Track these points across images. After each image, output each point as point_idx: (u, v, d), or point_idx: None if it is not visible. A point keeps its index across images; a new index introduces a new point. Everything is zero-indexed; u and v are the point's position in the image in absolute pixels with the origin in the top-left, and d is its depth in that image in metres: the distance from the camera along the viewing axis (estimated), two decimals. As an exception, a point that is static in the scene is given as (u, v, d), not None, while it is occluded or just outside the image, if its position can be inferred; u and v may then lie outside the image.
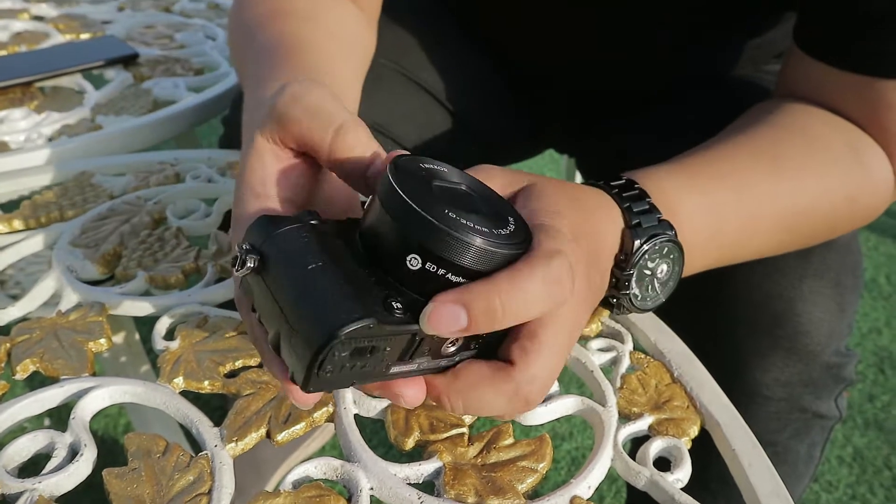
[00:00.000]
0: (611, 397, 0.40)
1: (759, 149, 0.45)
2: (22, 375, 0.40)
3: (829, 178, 0.45)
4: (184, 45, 0.93)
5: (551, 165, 1.86)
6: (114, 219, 0.53)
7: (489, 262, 0.27)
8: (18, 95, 0.76)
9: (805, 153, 0.45)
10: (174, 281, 0.47)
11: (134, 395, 0.39)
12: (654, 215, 0.38)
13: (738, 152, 0.45)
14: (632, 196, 0.38)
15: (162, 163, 0.62)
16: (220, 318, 0.44)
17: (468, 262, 0.27)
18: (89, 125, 0.70)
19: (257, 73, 0.42)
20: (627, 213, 0.38)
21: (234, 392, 0.39)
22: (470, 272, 0.27)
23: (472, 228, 0.27)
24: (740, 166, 0.44)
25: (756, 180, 0.44)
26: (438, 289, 0.27)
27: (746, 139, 0.46)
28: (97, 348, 0.42)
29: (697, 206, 0.41)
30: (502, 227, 0.28)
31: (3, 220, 0.54)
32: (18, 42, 0.92)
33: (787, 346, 0.50)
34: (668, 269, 0.40)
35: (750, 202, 0.43)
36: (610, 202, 0.38)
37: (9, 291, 0.83)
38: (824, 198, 0.46)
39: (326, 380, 0.26)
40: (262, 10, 0.49)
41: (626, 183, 0.40)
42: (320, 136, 0.31)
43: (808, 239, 0.48)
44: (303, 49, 0.44)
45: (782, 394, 0.52)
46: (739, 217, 0.43)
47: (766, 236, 0.45)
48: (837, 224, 0.48)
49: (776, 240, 0.46)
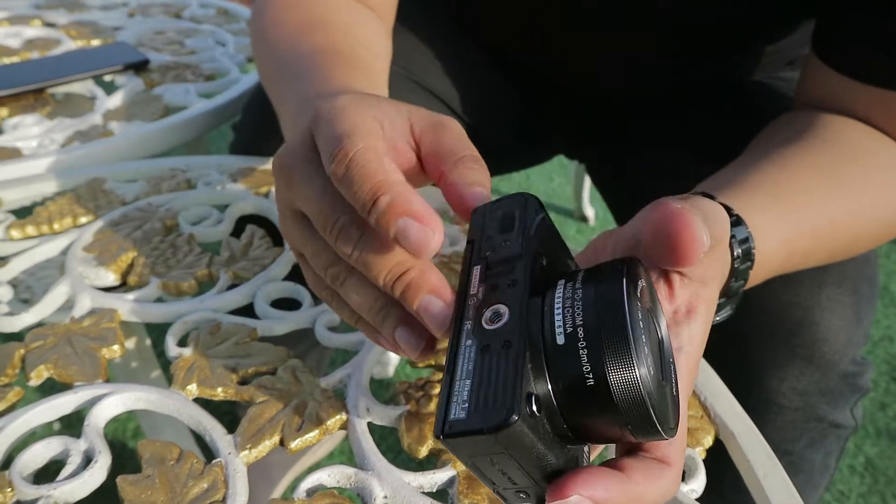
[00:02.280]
0: (625, 406, 0.40)
1: (822, 167, 0.44)
2: (36, 381, 0.40)
3: (883, 198, 0.45)
4: (194, 51, 0.94)
5: (560, 171, 1.86)
6: (126, 225, 0.53)
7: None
8: (31, 102, 0.77)
9: (864, 173, 0.45)
10: (187, 287, 0.48)
11: (148, 401, 0.39)
12: (743, 227, 0.36)
13: (804, 171, 0.43)
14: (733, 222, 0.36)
15: (173, 169, 0.62)
16: (232, 325, 0.44)
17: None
18: (101, 131, 0.71)
19: (313, 74, 0.42)
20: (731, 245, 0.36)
21: (248, 399, 0.39)
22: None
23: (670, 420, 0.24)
24: (808, 185, 0.43)
25: (823, 200, 0.43)
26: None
27: (806, 155, 0.44)
28: (110, 355, 0.42)
29: (771, 226, 0.39)
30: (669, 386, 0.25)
31: (17, 226, 0.54)
32: (31, 49, 0.93)
33: (804, 355, 0.50)
34: (744, 283, 0.38)
35: (817, 223, 0.42)
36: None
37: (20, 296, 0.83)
38: (878, 217, 0.45)
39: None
40: (300, 18, 0.49)
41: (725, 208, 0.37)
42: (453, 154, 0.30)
43: (854, 253, 0.48)
44: (354, 65, 0.44)
45: (799, 403, 0.51)
46: (807, 238, 0.42)
47: (823, 255, 0.45)
48: (882, 239, 0.48)
49: (828, 256, 0.45)
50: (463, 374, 0.23)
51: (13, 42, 0.95)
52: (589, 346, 0.22)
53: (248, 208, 0.57)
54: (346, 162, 0.27)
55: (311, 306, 0.46)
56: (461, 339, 0.25)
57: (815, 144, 0.46)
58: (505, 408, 0.21)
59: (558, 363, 0.23)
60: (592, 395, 0.23)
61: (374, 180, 0.27)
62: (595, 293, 0.23)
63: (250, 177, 0.60)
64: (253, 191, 0.58)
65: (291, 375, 0.40)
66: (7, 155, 0.66)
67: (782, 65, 0.68)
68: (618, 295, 0.23)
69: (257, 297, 0.46)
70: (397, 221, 0.26)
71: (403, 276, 0.28)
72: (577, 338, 0.23)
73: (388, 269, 0.28)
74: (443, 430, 0.22)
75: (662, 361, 0.24)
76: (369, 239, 0.28)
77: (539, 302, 0.24)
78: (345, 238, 0.29)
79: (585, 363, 0.22)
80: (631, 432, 0.23)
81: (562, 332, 0.23)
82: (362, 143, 0.28)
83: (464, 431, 0.22)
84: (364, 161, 0.27)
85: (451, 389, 0.23)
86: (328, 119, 0.30)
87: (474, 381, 0.23)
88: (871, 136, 0.47)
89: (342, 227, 0.29)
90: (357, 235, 0.28)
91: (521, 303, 0.24)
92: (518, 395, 0.21)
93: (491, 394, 0.22)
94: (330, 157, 0.28)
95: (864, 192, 0.44)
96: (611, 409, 0.23)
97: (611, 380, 0.22)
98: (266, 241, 0.52)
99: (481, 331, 0.24)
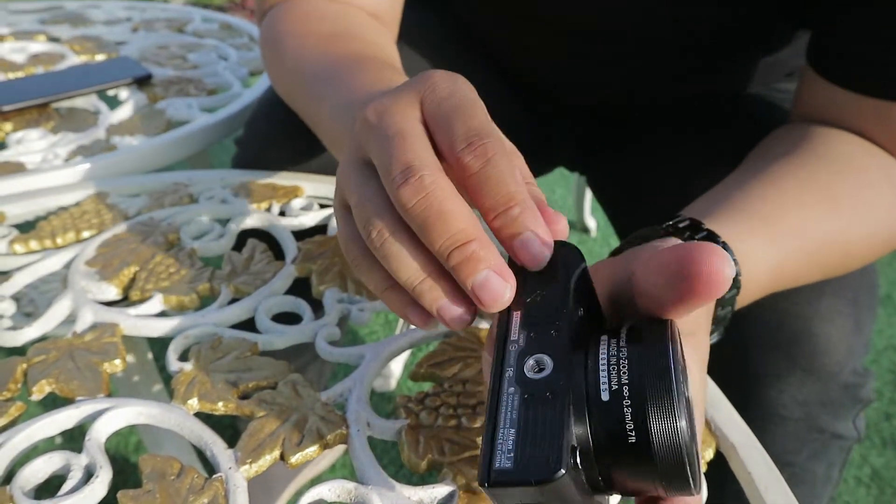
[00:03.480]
0: (625, 419, 0.40)
1: (814, 185, 0.44)
2: (38, 396, 0.40)
3: (875, 215, 0.45)
4: (197, 66, 0.95)
5: (561, 182, 1.86)
6: (129, 239, 0.54)
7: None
8: (35, 116, 0.77)
9: (855, 191, 0.45)
10: (188, 302, 0.48)
11: (149, 416, 0.39)
12: (735, 272, 0.36)
13: (796, 189, 0.43)
14: (704, 238, 0.37)
15: (176, 183, 0.62)
16: (234, 339, 0.44)
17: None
18: (104, 145, 0.71)
19: (354, 76, 0.42)
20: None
21: (248, 414, 0.39)
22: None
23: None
24: (799, 204, 0.43)
25: (815, 220, 0.43)
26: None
27: (798, 172, 0.44)
28: (112, 369, 0.42)
29: (760, 250, 0.40)
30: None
31: (20, 240, 0.54)
32: (35, 63, 0.94)
33: (804, 366, 0.50)
34: (731, 309, 0.39)
35: (808, 243, 0.42)
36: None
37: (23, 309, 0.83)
38: (871, 234, 0.45)
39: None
40: (325, 29, 0.49)
41: (692, 225, 0.38)
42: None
43: (848, 270, 0.48)
44: (392, 69, 0.44)
45: (800, 414, 0.51)
46: (797, 259, 0.42)
47: (816, 273, 0.45)
48: (876, 255, 0.48)
49: (821, 274, 0.45)
50: (507, 422, 0.24)
51: (18, 57, 0.96)
52: (634, 405, 0.23)
53: (249, 223, 0.57)
54: (423, 195, 0.26)
55: (312, 320, 0.46)
56: (503, 385, 0.25)
57: (809, 160, 0.46)
58: (552, 461, 0.22)
59: (601, 418, 0.24)
60: (632, 452, 0.23)
61: (457, 224, 0.26)
62: (641, 354, 0.24)
63: (252, 191, 0.61)
64: (255, 205, 0.59)
65: (292, 390, 0.40)
66: (11, 169, 0.66)
67: (781, 76, 0.68)
68: (666, 360, 0.24)
69: (258, 312, 0.47)
70: (480, 272, 0.26)
71: (465, 246, 0.26)
72: (622, 395, 0.23)
73: (449, 235, 0.26)
74: (488, 478, 0.22)
75: (690, 419, 0.25)
76: (438, 193, 0.26)
77: (583, 356, 0.25)
78: (415, 185, 0.26)
79: (629, 420, 0.23)
80: (664, 487, 0.24)
81: (606, 389, 0.24)
82: (436, 175, 0.26)
83: (510, 482, 0.22)
84: (443, 197, 0.26)
85: (494, 436, 0.23)
86: (377, 127, 0.28)
87: (519, 430, 0.23)
88: (866, 150, 0.47)
89: (416, 171, 0.26)
90: (429, 184, 0.26)
91: (566, 354, 0.24)
92: (564, 447, 0.22)
93: (537, 445, 0.22)
94: (400, 185, 0.26)
95: (856, 209, 0.44)
96: (648, 464, 0.23)
97: (653, 439, 0.23)
98: (267, 256, 0.53)
99: (524, 379, 0.24)
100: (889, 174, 0.46)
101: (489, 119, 0.28)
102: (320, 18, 0.51)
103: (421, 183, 0.26)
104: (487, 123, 0.28)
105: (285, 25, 0.52)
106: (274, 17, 0.54)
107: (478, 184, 0.27)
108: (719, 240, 0.37)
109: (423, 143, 0.28)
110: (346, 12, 0.53)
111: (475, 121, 0.28)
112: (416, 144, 0.27)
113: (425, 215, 0.26)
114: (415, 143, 0.27)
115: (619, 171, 0.73)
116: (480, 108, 0.29)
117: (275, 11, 0.55)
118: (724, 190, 0.44)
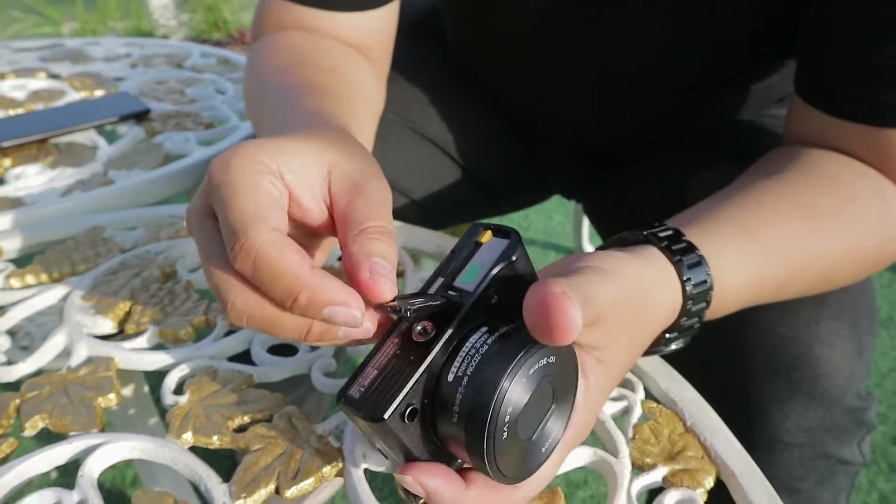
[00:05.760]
0: (623, 448, 0.40)
1: (796, 200, 0.44)
2: (31, 432, 0.40)
3: (861, 229, 0.45)
4: (194, 100, 0.95)
5: (559, 209, 1.87)
6: (125, 273, 0.54)
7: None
8: (34, 152, 0.78)
9: (840, 205, 0.45)
10: (184, 335, 0.48)
11: (143, 451, 0.38)
12: (703, 269, 0.38)
13: (778, 204, 0.44)
14: (681, 249, 0.38)
15: (172, 216, 0.63)
16: (229, 372, 0.44)
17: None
18: (102, 180, 0.72)
19: (284, 114, 0.43)
20: (678, 269, 0.37)
21: (243, 447, 0.38)
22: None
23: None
24: (781, 219, 0.43)
25: (796, 234, 0.43)
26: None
27: (782, 189, 0.45)
28: (106, 404, 0.42)
29: (739, 263, 0.40)
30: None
31: (16, 275, 0.54)
32: (36, 100, 0.95)
33: (806, 391, 0.49)
34: (699, 320, 0.40)
35: (790, 257, 0.43)
36: (664, 265, 0.37)
37: (19, 342, 0.83)
38: (857, 248, 0.45)
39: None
40: (287, 61, 0.50)
41: (674, 234, 0.39)
42: (348, 206, 0.31)
43: (836, 285, 0.48)
44: (332, 96, 0.45)
45: (804, 439, 0.50)
46: (778, 272, 0.43)
47: (799, 287, 0.45)
48: (865, 270, 0.48)
49: (806, 288, 0.46)
50: (375, 364, 0.29)
51: (19, 94, 0.97)
52: (463, 395, 0.28)
53: (245, 254, 0.57)
54: (251, 262, 0.28)
55: (308, 352, 0.46)
56: (393, 332, 0.30)
57: (793, 176, 0.46)
58: (382, 406, 0.27)
59: (440, 393, 0.28)
60: (454, 426, 0.28)
61: (285, 280, 0.28)
62: (492, 357, 0.28)
63: (248, 222, 0.61)
64: (251, 236, 0.59)
65: (287, 422, 0.40)
66: (8, 205, 0.66)
67: (772, 102, 0.69)
68: (498, 377, 0.27)
69: (254, 344, 0.46)
70: (321, 313, 0.28)
71: (297, 299, 0.28)
72: (459, 384, 0.28)
73: (280, 291, 0.28)
74: (339, 398, 0.29)
75: (539, 425, 0.30)
76: (261, 256, 0.28)
77: (460, 337, 0.29)
78: (242, 252, 0.29)
79: (456, 406, 0.28)
80: (467, 452, 0.28)
81: (453, 374, 0.28)
82: (260, 238, 0.28)
83: (350, 408, 0.28)
84: (269, 261, 0.28)
85: (361, 370, 0.29)
86: (217, 186, 0.30)
87: (379, 374, 0.28)
88: (853, 167, 0.47)
89: (239, 237, 0.29)
90: (249, 248, 0.28)
91: (446, 331, 0.28)
92: (397, 401, 0.27)
93: (382, 391, 0.28)
94: (231, 251, 0.29)
95: (841, 224, 0.45)
96: (460, 438, 0.28)
97: (468, 427, 0.28)
98: (263, 287, 0.52)
99: (408, 337, 0.29)
100: (877, 188, 0.47)
101: (246, 208, 0.29)
102: (287, 50, 0.52)
103: (244, 249, 0.28)
104: (242, 214, 0.29)
105: (258, 57, 0.54)
106: (255, 49, 0.56)
107: (259, 285, 0.29)
108: (697, 251, 0.38)
109: (256, 204, 0.29)
110: (317, 43, 0.53)
111: (231, 217, 0.29)
112: (245, 207, 0.29)
113: (257, 279, 0.28)
114: (244, 206, 0.29)
115: (613, 198, 0.73)
116: (236, 191, 0.30)
117: (258, 43, 0.56)
118: (708, 203, 0.45)
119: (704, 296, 0.38)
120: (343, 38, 0.56)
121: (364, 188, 0.32)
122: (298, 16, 0.55)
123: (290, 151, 0.32)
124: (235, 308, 0.29)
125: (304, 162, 0.32)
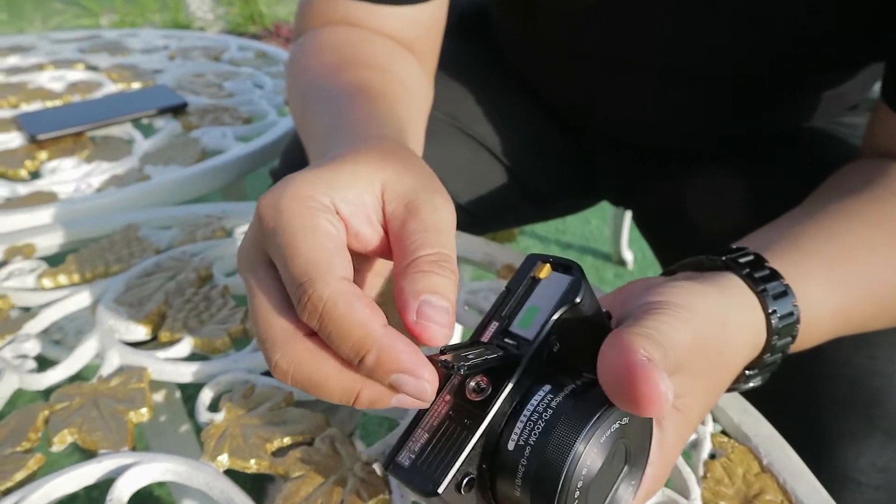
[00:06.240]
0: (694, 488, 0.36)
1: (886, 224, 0.41)
2: (59, 447, 0.38)
3: None
4: (232, 94, 0.93)
5: (597, 213, 1.82)
6: (159, 275, 0.51)
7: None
8: (70, 145, 0.77)
9: None
10: (220, 345, 0.45)
11: (176, 473, 0.36)
12: (789, 300, 0.34)
13: (864, 227, 0.40)
14: (764, 277, 0.34)
15: (209, 216, 0.60)
16: (267, 388, 0.41)
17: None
18: (137, 175, 0.70)
19: (333, 122, 0.40)
20: (762, 301, 0.34)
21: (283, 473, 0.36)
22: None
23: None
24: (869, 244, 0.40)
25: (886, 264, 0.40)
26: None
27: (869, 210, 0.41)
28: (138, 419, 0.39)
29: (825, 292, 0.37)
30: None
31: (49, 274, 0.52)
32: (73, 92, 0.93)
33: (885, 428, 0.45)
34: (782, 356, 0.36)
35: (879, 286, 0.39)
36: (747, 297, 0.34)
37: (52, 336, 0.82)
38: None
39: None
40: (333, 59, 0.48)
41: (755, 260, 0.35)
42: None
43: None
44: (382, 97, 0.42)
45: (879, 480, 0.46)
46: (866, 303, 0.39)
47: (888, 319, 0.41)
48: None
49: (891, 319, 0.42)
50: (427, 426, 0.26)
51: (57, 86, 0.96)
52: (527, 467, 0.25)
53: (284, 258, 0.55)
54: (318, 316, 0.25)
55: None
56: (444, 388, 0.26)
57: (879, 197, 0.42)
58: (436, 478, 0.24)
59: (500, 460, 0.26)
60: (515, 499, 0.26)
61: (353, 337, 0.25)
62: (564, 418, 0.25)
63: (287, 225, 0.58)
64: (290, 240, 0.56)
65: (330, 447, 0.37)
66: (43, 199, 0.65)
67: (844, 109, 0.64)
68: (572, 439, 0.24)
69: (293, 357, 0.44)
70: (389, 378, 0.25)
71: (365, 358, 0.25)
72: (522, 454, 0.25)
73: (348, 348, 0.25)
74: (387, 465, 0.26)
75: (611, 491, 0.27)
76: (330, 308, 0.25)
77: (520, 395, 0.26)
78: (310, 305, 0.26)
79: (519, 474, 0.25)
80: None
81: (514, 441, 0.25)
82: (328, 290, 0.25)
83: (400, 478, 0.26)
84: (338, 315, 0.25)
85: (410, 433, 0.26)
86: (273, 232, 0.27)
87: (431, 438, 0.26)
88: None
89: (306, 289, 0.26)
90: (317, 300, 0.25)
91: (504, 389, 0.25)
92: (453, 471, 0.24)
93: (435, 458, 0.25)
94: (297, 304, 0.26)
95: None
96: None
97: (534, 495, 0.25)
98: (303, 295, 0.50)
99: (461, 395, 0.26)
100: None
101: (309, 257, 0.26)
102: (334, 48, 0.49)
103: (311, 301, 0.25)
104: (305, 264, 0.26)
105: (303, 54, 0.51)
106: (299, 45, 0.53)
107: (326, 339, 0.26)
108: (782, 280, 0.34)
109: (318, 250, 0.26)
110: (364, 39, 0.51)
111: (295, 267, 0.26)
112: (309, 255, 0.26)
113: (325, 332, 0.25)
114: (307, 253, 0.26)
115: (667, 207, 0.69)
116: (295, 239, 0.26)
117: (302, 38, 0.53)
118: (787, 225, 0.41)
119: (790, 329, 0.34)
120: (390, 33, 0.53)
121: (419, 209, 0.29)
122: (344, 10, 0.53)
123: (342, 182, 0.29)
124: (279, 368, 0.26)
125: (358, 190, 0.29)
